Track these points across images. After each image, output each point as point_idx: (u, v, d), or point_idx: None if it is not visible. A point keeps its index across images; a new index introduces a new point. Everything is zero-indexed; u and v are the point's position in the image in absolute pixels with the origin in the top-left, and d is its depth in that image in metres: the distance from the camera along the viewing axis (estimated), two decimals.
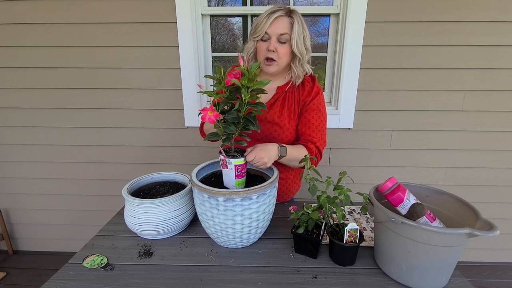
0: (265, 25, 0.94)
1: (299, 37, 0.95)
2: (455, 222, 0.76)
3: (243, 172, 0.86)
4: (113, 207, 1.80)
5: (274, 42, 0.95)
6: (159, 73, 1.65)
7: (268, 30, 0.94)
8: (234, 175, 0.84)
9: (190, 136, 1.75)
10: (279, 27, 0.94)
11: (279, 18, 0.94)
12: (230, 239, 0.84)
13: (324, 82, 1.73)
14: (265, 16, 0.94)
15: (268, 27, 0.94)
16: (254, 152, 0.87)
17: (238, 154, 0.87)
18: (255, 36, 0.97)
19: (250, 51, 1.02)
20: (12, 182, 1.91)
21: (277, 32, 0.94)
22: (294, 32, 0.94)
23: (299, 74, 1.03)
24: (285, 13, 0.94)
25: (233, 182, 0.86)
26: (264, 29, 0.94)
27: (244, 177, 0.88)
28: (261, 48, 0.98)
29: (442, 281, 0.71)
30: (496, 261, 1.95)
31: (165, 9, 1.53)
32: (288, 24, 0.94)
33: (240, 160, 0.83)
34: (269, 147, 0.92)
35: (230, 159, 0.82)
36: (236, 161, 0.83)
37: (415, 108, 1.65)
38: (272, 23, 0.93)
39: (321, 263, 0.81)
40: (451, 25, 1.51)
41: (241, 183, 0.88)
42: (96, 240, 0.92)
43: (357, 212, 1.11)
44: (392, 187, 0.78)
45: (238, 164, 0.83)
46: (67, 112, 1.74)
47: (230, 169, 0.84)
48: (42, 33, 1.60)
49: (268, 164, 0.90)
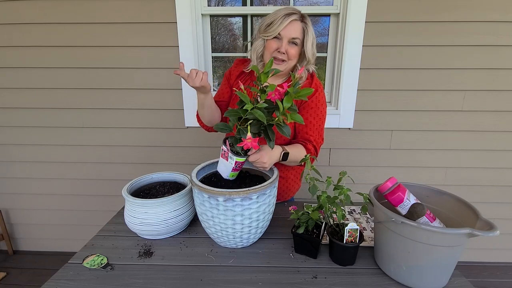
0: (279, 26, 0.94)
1: (311, 42, 0.98)
2: (455, 222, 0.76)
3: (240, 168, 0.88)
4: (113, 207, 1.80)
5: (286, 44, 0.96)
6: (159, 73, 1.65)
7: (282, 32, 0.95)
8: (232, 168, 0.86)
9: (190, 136, 1.75)
10: (292, 31, 0.95)
11: (294, 22, 0.95)
12: (230, 239, 0.84)
13: (324, 82, 1.73)
14: (281, 17, 0.95)
15: (283, 29, 0.95)
16: (258, 154, 0.87)
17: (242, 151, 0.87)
18: (267, 35, 0.98)
19: (259, 49, 1.03)
20: (12, 182, 1.91)
21: (289, 36, 0.96)
22: (309, 37, 0.97)
23: (301, 75, 1.04)
24: (299, 17, 0.96)
25: (228, 173, 0.88)
26: (278, 30, 0.95)
27: (239, 170, 0.90)
28: (271, 46, 0.98)
29: (442, 281, 0.71)
30: (496, 261, 1.95)
31: (165, 9, 1.53)
32: (301, 29, 0.96)
33: (242, 158, 0.84)
34: (274, 152, 0.93)
35: (232, 155, 0.83)
36: (238, 158, 0.83)
37: (415, 108, 1.65)
38: (287, 26, 0.95)
39: (321, 263, 0.81)
40: (451, 25, 1.51)
41: (235, 175, 0.91)
42: (96, 240, 0.92)
43: (357, 212, 1.11)
44: (392, 187, 0.78)
45: (239, 161, 0.84)
46: (67, 112, 1.74)
47: (230, 163, 0.85)
48: (42, 33, 1.60)
49: (267, 168, 0.91)
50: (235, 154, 0.83)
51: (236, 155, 0.83)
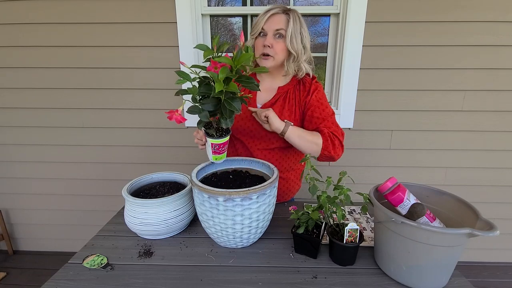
0: (261, 22, 0.97)
1: (295, 34, 0.96)
2: (455, 222, 0.76)
3: (220, 150, 0.88)
4: (113, 207, 1.80)
5: (270, 38, 0.97)
6: (159, 73, 1.65)
7: (265, 26, 0.96)
8: (211, 151, 0.87)
9: (190, 136, 1.75)
10: (274, 23, 0.96)
11: (276, 15, 0.96)
12: (230, 239, 0.84)
13: (324, 82, 1.73)
14: (262, 14, 0.98)
15: (265, 23, 0.96)
16: (265, 111, 0.93)
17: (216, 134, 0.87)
18: (253, 33, 1.01)
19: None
20: (12, 182, 1.91)
21: (273, 28, 0.96)
22: (289, 28, 0.95)
23: (289, 71, 1.03)
24: (282, 10, 0.97)
25: (210, 156, 0.90)
26: (261, 25, 0.96)
27: (222, 153, 0.90)
28: (259, 43, 1.00)
29: (442, 281, 0.71)
30: (496, 261, 1.95)
31: (165, 9, 1.53)
32: (284, 20, 0.96)
33: (217, 140, 0.85)
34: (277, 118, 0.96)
35: (208, 138, 0.85)
36: (212, 140, 0.85)
37: (415, 108, 1.65)
38: (268, 19, 0.96)
39: (321, 263, 0.81)
40: (451, 25, 1.51)
41: (219, 159, 0.91)
42: (96, 240, 0.92)
43: (357, 212, 1.11)
44: (392, 187, 0.78)
45: (214, 143, 0.85)
46: (66, 112, 1.74)
47: (208, 145, 0.87)
48: (42, 33, 1.60)
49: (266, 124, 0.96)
50: (210, 136, 0.85)
51: (210, 137, 0.85)
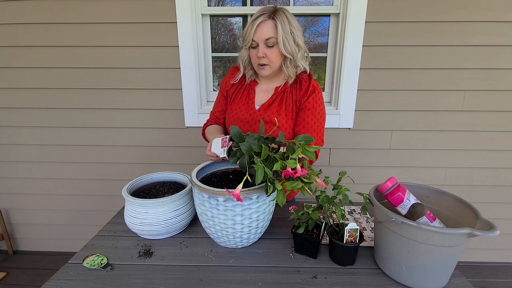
0: (250, 33, 0.95)
1: (286, 37, 0.95)
2: (455, 222, 0.76)
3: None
4: (113, 207, 1.80)
5: (262, 48, 0.96)
6: (159, 73, 1.65)
7: (254, 38, 0.95)
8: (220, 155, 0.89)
9: (190, 136, 1.75)
10: (263, 33, 0.94)
11: (263, 24, 0.94)
12: (230, 239, 0.84)
13: (324, 82, 1.73)
14: (250, 23, 0.96)
15: (254, 35, 0.95)
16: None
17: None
18: (245, 44, 1.00)
19: (244, 58, 1.06)
20: (12, 182, 1.91)
21: (262, 38, 0.95)
22: (279, 34, 0.94)
23: (290, 74, 1.03)
24: (268, 16, 0.94)
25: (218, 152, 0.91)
26: (251, 37, 0.95)
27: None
28: (253, 55, 1.00)
29: (442, 281, 0.72)
30: (496, 261, 1.95)
31: (165, 9, 1.53)
32: (272, 27, 0.94)
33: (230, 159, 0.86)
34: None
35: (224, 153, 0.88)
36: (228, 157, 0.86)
37: (415, 108, 1.65)
38: (256, 30, 0.94)
39: (321, 263, 0.81)
40: (451, 25, 1.51)
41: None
42: (96, 240, 0.92)
43: (357, 212, 1.11)
44: (392, 187, 0.78)
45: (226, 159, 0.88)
46: (67, 112, 1.74)
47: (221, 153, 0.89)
48: (42, 33, 1.60)
49: None
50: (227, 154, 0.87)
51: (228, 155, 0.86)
